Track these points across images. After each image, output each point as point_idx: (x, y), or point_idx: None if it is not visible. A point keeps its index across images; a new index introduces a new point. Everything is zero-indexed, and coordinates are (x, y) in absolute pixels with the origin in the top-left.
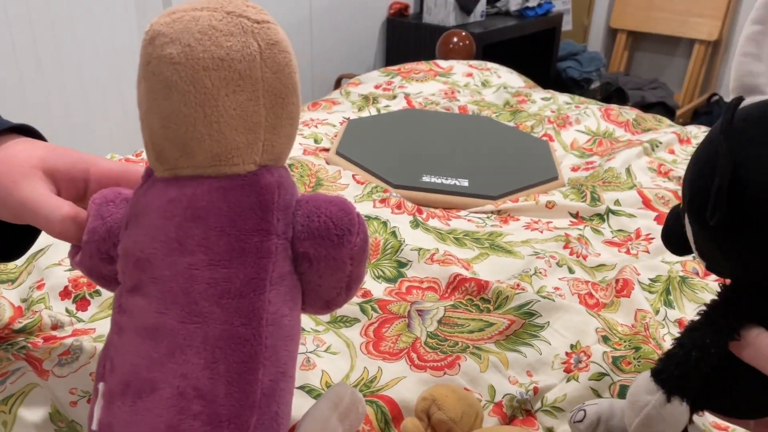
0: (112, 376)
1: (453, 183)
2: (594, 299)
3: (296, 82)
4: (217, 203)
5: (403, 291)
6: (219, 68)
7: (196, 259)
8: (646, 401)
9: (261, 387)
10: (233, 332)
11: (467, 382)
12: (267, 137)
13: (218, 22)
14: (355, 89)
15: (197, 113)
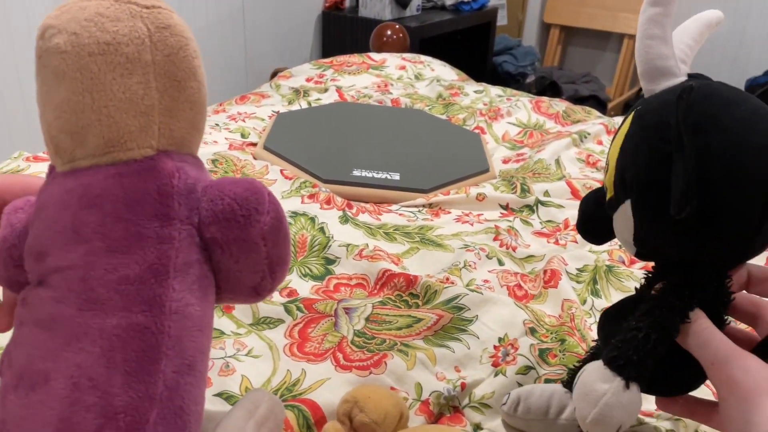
0: (8, 371)
1: (384, 177)
2: (523, 291)
3: (196, 66)
4: (112, 190)
5: (331, 289)
6: (105, 53)
7: (93, 246)
8: (602, 390)
9: (163, 379)
10: (132, 320)
11: (394, 381)
12: (163, 121)
13: (105, 9)
14: (285, 82)
15: (85, 99)
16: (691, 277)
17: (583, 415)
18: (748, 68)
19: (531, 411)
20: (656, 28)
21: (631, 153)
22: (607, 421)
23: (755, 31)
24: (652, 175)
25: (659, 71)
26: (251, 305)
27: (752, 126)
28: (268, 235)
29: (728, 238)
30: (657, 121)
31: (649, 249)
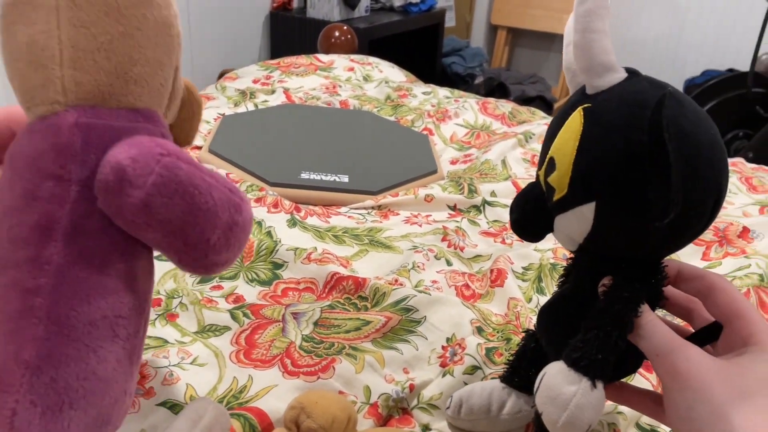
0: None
1: (333, 179)
2: (470, 290)
3: (116, 7)
4: (24, 147)
5: (279, 294)
6: (15, 2)
7: (3, 205)
8: (570, 393)
9: (35, 345)
10: (14, 279)
11: (342, 385)
12: (67, 74)
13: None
14: (231, 84)
15: (4, 53)
16: (637, 272)
17: (552, 419)
18: (686, 70)
19: (474, 411)
20: (598, 21)
21: (599, 155)
22: (578, 423)
23: (692, 34)
24: (625, 178)
25: (604, 66)
26: (195, 313)
27: (702, 129)
28: (142, 213)
29: (687, 237)
30: (624, 123)
31: (599, 248)
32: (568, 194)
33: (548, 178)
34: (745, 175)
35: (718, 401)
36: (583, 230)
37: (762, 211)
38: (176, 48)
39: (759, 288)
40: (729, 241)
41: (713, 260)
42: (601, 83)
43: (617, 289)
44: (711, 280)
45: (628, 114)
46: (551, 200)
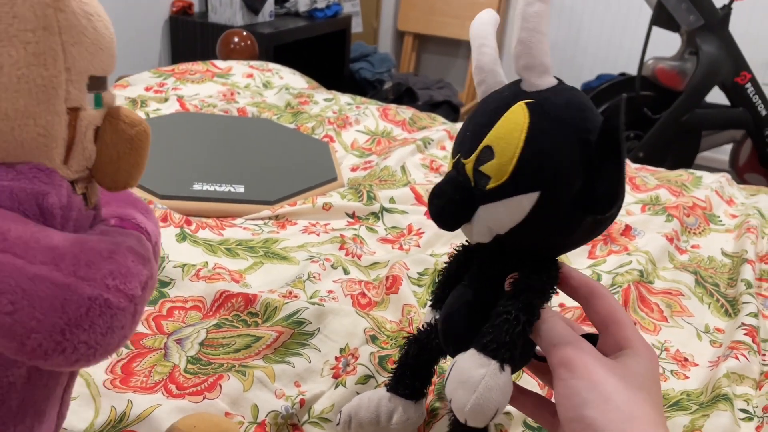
0: None
1: (227, 189)
2: (366, 298)
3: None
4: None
5: (164, 314)
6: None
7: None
8: (479, 375)
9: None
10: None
11: (228, 405)
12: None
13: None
14: (121, 92)
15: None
16: (539, 268)
17: (461, 403)
18: (583, 74)
19: (363, 425)
20: (544, 25)
21: (550, 147)
22: (486, 404)
23: (588, 40)
24: (577, 171)
25: (545, 68)
26: None
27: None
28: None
29: (597, 234)
30: (575, 120)
31: (515, 241)
32: (508, 183)
33: (481, 167)
34: (629, 175)
35: (609, 390)
36: (511, 221)
37: (643, 209)
38: (59, 90)
39: (639, 283)
40: (613, 239)
41: (599, 258)
42: (540, 83)
43: (525, 279)
44: (591, 287)
45: (578, 112)
46: (481, 189)
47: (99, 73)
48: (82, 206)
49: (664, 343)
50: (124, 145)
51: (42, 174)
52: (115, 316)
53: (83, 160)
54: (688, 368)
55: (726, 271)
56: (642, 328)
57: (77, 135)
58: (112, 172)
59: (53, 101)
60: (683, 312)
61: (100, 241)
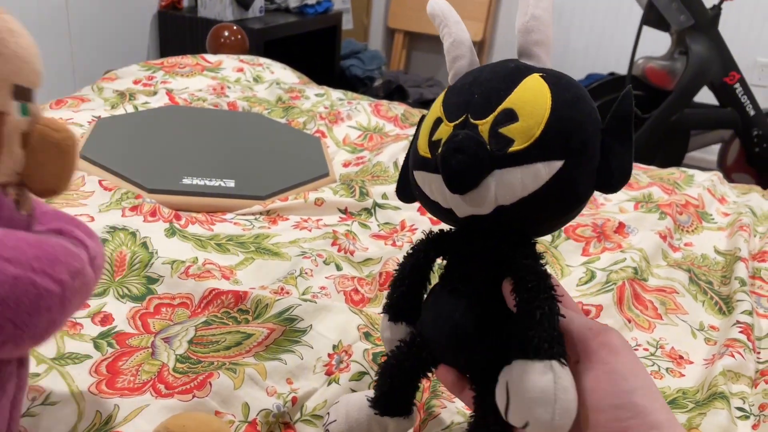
0: None
1: (218, 184)
2: (359, 295)
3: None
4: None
5: (151, 311)
6: None
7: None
8: (549, 382)
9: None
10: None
11: (219, 404)
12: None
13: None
14: (109, 85)
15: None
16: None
17: (545, 420)
18: (572, 73)
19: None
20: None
21: (577, 118)
22: (570, 406)
23: (577, 39)
24: (596, 148)
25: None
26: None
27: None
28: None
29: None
30: (591, 103)
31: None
32: (533, 147)
33: (501, 129)
34: None
35: (649, 379)
36: (524, 189)
37: (636, 206)
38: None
39: (633, 281)
40: (606, 237)
41: (592, 255)
42: (547, 62)
43: (533, 265)
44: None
45: (587, 93)
46: (500, 151)
47: (23, 83)
48: (14, 208)
49: (659, 340)
50: (51, 149)
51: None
52: (41, 297)
53: (11, 164)
54: (684, 366)
55: (719, 269)
56: (636, 326)
57: (3, 138)
58: (41, 176)
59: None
60: (678, 309)
61: (28, 233)
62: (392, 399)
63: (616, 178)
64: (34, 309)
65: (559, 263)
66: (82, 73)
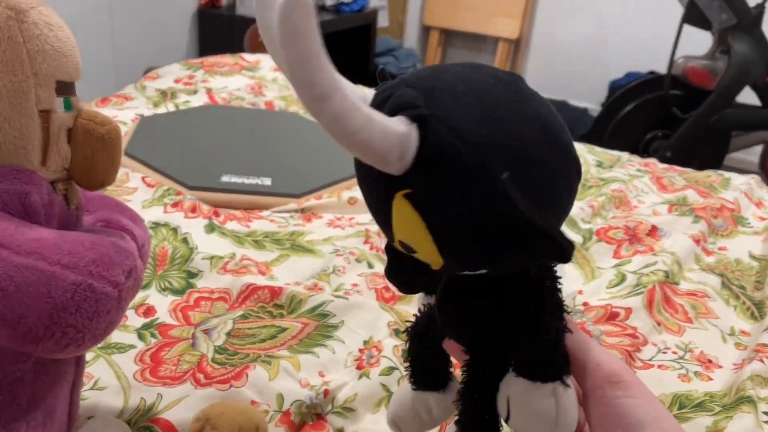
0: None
1: (255, 182)
2: (390, 292)
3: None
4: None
5: (191, 304)
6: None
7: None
8: (552, 405)
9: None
10: None
11: (254, 394)
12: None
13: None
14: (151, 83)
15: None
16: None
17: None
18: (611, 71)
19: (411, 426)
20: (355, 116)
21: (462, 240)
22: (572, 427)
23: (616, 37)
24: (501, 252)
25: (395, 148)
26: None
27: (531, 136)
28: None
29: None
30: (467, 205)
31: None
32: (448, 267)
33: (413, 255)
34: (656, 175)
35: (661, 409)
36: (481, 273)
37: (671, 209)
38: (29, 94)
39: (664, 284)
40: (638, 240)
41: (624, 258)
42: (404, 165)
43: (538, 279)
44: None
45: (462, 190)
46: (429, 267)
47: (65, 78)
48: (64, 205)
49: (688, 344)
50: (97, 143)
51: (23, 175)
52: (99, 301)
53: (60, 161)
54: (712, 370)
55: (753, 274)
56: (666, 329)
57: (51, 136)
58: (88, 170)
59: (24, 104)
60: (708, 314)
61: (82, 234)
62: (423, 368)
63: (544, 257)
64: (94, 313)
65: (589, 265)
66: (124, 69)
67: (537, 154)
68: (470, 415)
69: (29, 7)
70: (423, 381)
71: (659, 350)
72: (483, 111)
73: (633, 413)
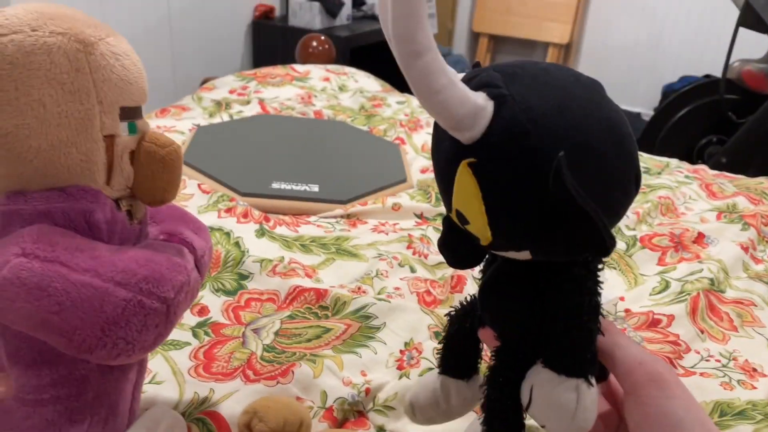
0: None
1: (303, 189)
2: (431, 296)
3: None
4: None
5: (242, 304)
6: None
7: None
8: (572, 400)
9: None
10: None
11: (300, 390)
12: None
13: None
14: (207, 94)
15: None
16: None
17: (561, 431)
18: (665, 75)
19: (425, 410)
20: (439, 77)
21: (514, 213)
22: (588, 424)
23: (670, 40)
24: (549, 231)
25: (469, 116)
26: None
27: (595, 131)
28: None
29: (621, 218)
30: (523, 177)
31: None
32: (495, 244)
33: (465, 226)
34: (705, 181)
35: (702, 413)
36: (525, 257)
37: (719, 217)
38: (94, 121)
39: (709, 292)
40: (684, 247)
41: (669, 265)
42: (475, 134)
43: (580, 279)
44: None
45: (524, 170)
46: (478, 242)
47: (130, 104)
48: (126, 221)
49: (732, 352)
50: (157, 165)
51: (88, 194)
52: (148, 315)
53: (123, 180)
54: (757, 379)
55: None
56: (710, 336)
57: (114, 158)
58: (149, 189)
59: (90, 131)
60: (754, 322)
61: (138, 250)
62: (454, 353)
63: (590, 247)
64: (143, 327)
65: (632, 272)
66: (182, 79)
67: (600, 150)
68: (494, 398)
69: (98, 39)
70: (450, 366)
71: (702, 358)
72: (558, 101)
73: (673, 413)
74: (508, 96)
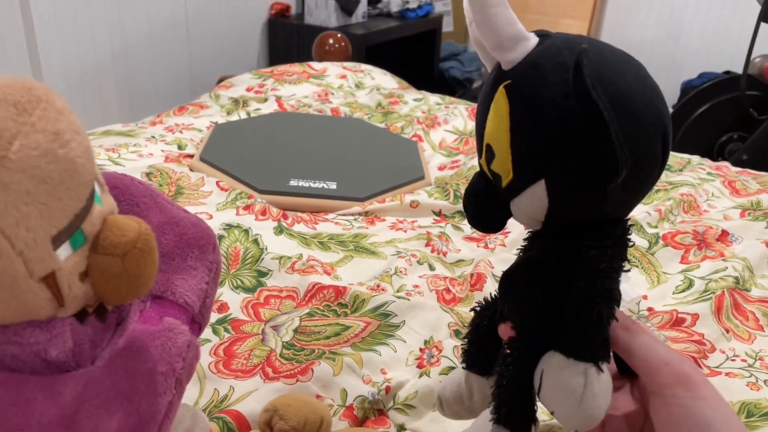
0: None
1: (321, 186)
2: (451, 294)
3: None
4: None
5: (261, 301)
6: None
7: None
8: (581, 384)
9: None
10: None
11: (319, 388)
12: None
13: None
14: (225, 92)
15: None
16: (603, 232)
17: (568, 416)
18: (683, 71)
19: (451, 405)
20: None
21: (535, 132)
22: (596, 412)
23: (689, 36)
24: (567, 150)
25: (513, 38)
26: None
27: (630, 73)
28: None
29: (647, 186)
30: (550, 93)
31: (563, 220)
32: (515, 178)
33: (491, 166)
34: (728, 178)
35: (730, 412)
36: (541, 208)
37: (743, 214)
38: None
39: (734, 290)
40: (708, 245)
41: (692, 263)
42: (515, 56)
43: (593, 261)
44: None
45: (552, 82)
46: (500, 187)
47: (69, 220)
48: (97, 326)
49: (758, 352)
50: (116, 280)
51: (37, 330)
52: (154, 414)
53: (81, 299)
54: None
55: None
56: (735, 336)
57: (62, 289)
58: (114, 299)
59: (17, 287)
60: None
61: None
62: (477, 348)
63: (604, 173)
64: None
65: (655, 270)
66: (200, 77)
67: (627, 90)
68: (503, 385)
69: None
70: (472, 361)
71: (727, 357)
72: (610, 64)
73: (700, 414)
74: (553, 35)
